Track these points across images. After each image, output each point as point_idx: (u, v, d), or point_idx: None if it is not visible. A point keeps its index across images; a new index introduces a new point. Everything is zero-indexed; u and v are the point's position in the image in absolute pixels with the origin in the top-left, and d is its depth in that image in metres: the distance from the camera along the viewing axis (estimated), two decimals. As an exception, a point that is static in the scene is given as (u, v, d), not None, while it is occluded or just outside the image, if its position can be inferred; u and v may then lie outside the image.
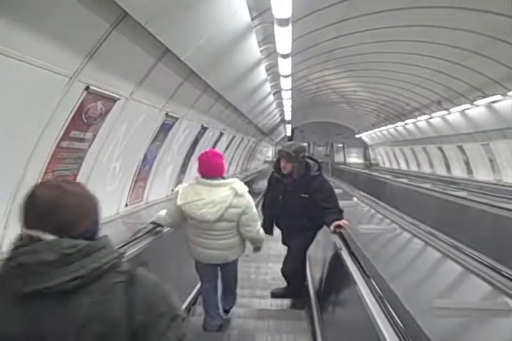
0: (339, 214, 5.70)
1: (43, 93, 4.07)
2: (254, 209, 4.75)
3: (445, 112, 18.84)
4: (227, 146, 16.70)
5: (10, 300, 1.53)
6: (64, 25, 3.73)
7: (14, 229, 3.72)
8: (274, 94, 16.05)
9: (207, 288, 5.03)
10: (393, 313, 2.87)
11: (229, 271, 4.75)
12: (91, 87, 4.61)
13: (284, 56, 9.21)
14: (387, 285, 3.39)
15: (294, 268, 6.25)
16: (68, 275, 1.58)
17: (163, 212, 5.03)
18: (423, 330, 2.52)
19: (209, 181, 4.53)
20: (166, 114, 7.59)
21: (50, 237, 1.62)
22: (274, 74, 12.38)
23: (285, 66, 10.56)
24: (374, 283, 3.48)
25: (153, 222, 5.24)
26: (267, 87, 13.41)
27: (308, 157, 5.96)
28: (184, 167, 11.02)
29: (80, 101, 4.57)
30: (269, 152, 42.06)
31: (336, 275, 5.02)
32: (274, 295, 6.58)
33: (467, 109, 17.21)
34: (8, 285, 1.53)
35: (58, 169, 4.67)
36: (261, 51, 9.42)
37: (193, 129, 10.21)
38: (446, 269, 4.41)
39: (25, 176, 4.09)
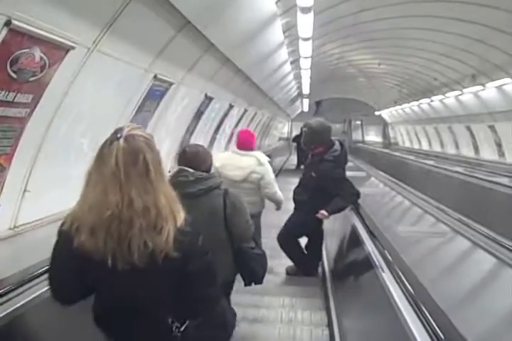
0: (336, 203, 5.83)
1: None
2: (272, 176, 5.78)
3: (479, 88, 17.08)
4: (238, 121, 15.11)
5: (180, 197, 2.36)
6: None
7: None
8: (291, 62, 14.38)
9: None
10: (411, 290, 2.97)
11: (254, 221, 4.65)
12: (14, 22, 3.04)
13: (305, 10, 7.49)
14: (407, 266, 3.41)
15: (282, 241, 6.37)
16: (199, 187, 3.26)
17: None
18: (443, 310, 2.52)
19: (241, 152, 5.70)
20: (155, 77, 6.03)
21: (191, 170, 3.32)
22: (291, 37, 10.74)
23: (306, 25, 8.87)
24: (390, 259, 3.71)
25: None
26: (284, 53, 11.73)
27: (339, 142, 6.09)
28: (185, 143, 9.49)
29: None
30: (284, 128, 40.45)
31: (353, 253, 5.44)
32: (288, 272, 6.65)
33: (505, 84, 15.45)
34: (177, 190, 2.33)
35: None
36: (276, 3, 7.78)
37: (194, 99, 8.65)
38: (480, 259, 4.10)
39: None
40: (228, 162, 5.61)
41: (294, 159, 24.73)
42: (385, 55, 20.63)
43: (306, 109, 34.67)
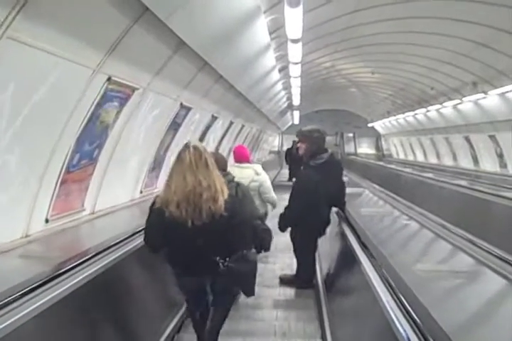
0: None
1: None
2: (269, 183, 6.74)
3: (480, 96, 16.01)
4: (224, 135, 13.94)
5: None
6: None
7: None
8: (279, 70, 13.25)
9: None
10: (403, 299, 3.00)
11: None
12: None
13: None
14: (397, 273, 3.51)
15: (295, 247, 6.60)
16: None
17: None
18: (434, 318, 2.59)
19: (240, 165, 6.61)
20: (109, 80, 4.87)
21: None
22: (279, 39, 9.61)
23: (294, 27, 7.85)
24: (384, 271, 3.66)
25: None
26: (271, 58, 10.58)
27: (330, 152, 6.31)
28: (159, 159, 8.33)
29: None
30: (275, 141, 39.35)
31: (344, 264, 5.60)
32: (282, 280, 6.84)
33: (509, 91, 14.38)
34: None
35: None
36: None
37: (166, 108, 7.50)
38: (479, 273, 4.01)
39: None
40: None
41: (285, 173, 24.14)
42: (378, 63, 19.56)
43: (296, 121, 33.59)
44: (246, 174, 6.35)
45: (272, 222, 5.98)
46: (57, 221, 4.99)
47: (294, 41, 8.91)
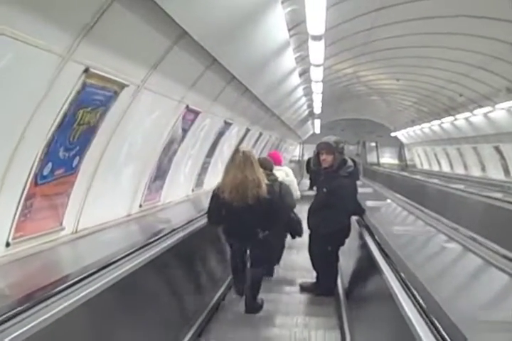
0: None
1: None
2: (295, 183, 8.23)
3: (516, 102, 14.94)
4: (239, 143, 12.99)
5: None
6: None
7: None
8: (300, 74, 12.32)
9: None
10: (425, 308, 2.88)
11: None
12: None
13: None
14: (422, 284, 3.26)
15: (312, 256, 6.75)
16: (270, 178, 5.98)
17: None
18: (460, 330, 2.37)
19: (275, 167, 7.15)
20: (86, 71, 3.94)
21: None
22: (299, 36, 8.68)
23: (316, 20, 6.95)
24: (407, 282, 3.45)
25: None
26: (290, 58, 9.60)
27: (351, 158, 6.55)
28: (163, 168, 7.43)
29: None
30: (295, 150, 38.35)
31: (365, 271, 5.51)
32: (303, 288, 6.92)
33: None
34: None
35: None
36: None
37: (168, 111, 6.59)
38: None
39: None
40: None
41: (306, 182, 23.23)
42: (402, 69, 18.56)
43: (317, 130, 32.60)
44: (279, 175, 7.10)
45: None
46: (22, 244, 4.06)
47: (316, 38, 7.95)
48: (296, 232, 6.87)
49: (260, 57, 7.99)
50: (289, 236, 7.50)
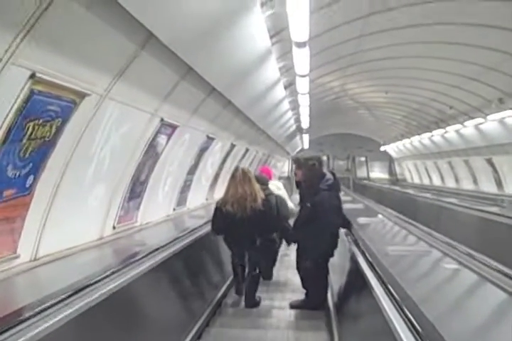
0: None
1: None
2: (287, 196, 8.34)
3: (508, 113, 14.52)
4: (224, 159, 12.50)
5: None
6: None
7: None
8: (285, 87, 11.86)
9: None
10: (416, 325, 2.86)
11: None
12: None
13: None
14: (414, 302, 3.18)
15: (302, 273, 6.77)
16: (266, 192, 6.64)
17: None
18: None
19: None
20: (32, 77, 3.43)
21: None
22: (282, 44, 8.21)
23: (299, 25, 6.48)
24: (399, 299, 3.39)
25: None
26: (274, 68, 9.12)
27: (330, 171, 6.71)
28: (139, 187, 6.90)
29: None
30: (284, 166, 37.79)
31: (355, 286, 5.48)
32: (292, 306, 6.79)
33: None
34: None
35: None
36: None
37: (140, 124, 6.07)
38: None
39: None
40: None
41: (296, 198, 22.59)
42: (391, 81, 18.17)
43: (306, 146, 32.16)
44: (270, 188, 7.34)
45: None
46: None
47: (300, 45, 7.46)
48: (291, 240, 7.35)
49: (241, 65, 7.51)
50: (284, 243, 7.87)
